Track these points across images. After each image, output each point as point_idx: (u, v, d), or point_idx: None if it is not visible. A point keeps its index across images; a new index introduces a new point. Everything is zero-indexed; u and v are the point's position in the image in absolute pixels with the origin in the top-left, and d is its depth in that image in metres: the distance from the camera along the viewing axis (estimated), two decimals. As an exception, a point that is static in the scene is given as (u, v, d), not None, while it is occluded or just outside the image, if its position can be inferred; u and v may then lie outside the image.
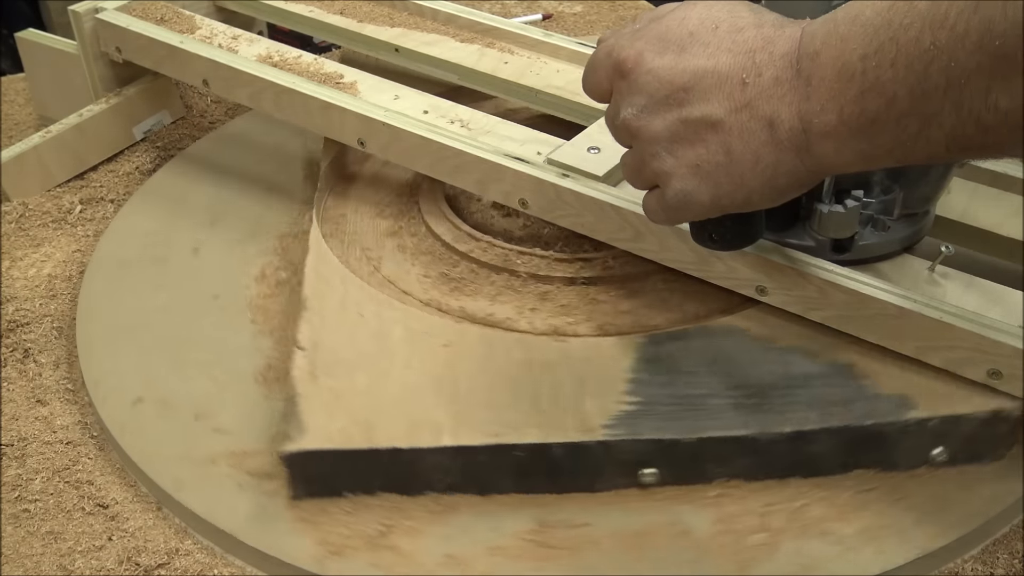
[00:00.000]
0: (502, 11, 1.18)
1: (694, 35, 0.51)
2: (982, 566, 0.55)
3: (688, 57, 0.51)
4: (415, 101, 0.77)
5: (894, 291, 0.58)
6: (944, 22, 0.43)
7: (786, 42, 0.49)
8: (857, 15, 0.46)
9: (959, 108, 0.44)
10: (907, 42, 0.44)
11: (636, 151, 0.54)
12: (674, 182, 0.53)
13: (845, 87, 0.46)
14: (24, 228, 0.83)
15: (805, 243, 0.63)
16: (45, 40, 0.94)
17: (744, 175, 0.51)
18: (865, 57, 0.45)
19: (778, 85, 0.48)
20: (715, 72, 0.50)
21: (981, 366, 0.56)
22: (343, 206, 0.79)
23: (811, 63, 0.47)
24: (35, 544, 0.57)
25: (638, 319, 0.66)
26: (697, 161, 0.51)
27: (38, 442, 0.64)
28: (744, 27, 0.50)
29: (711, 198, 0.52)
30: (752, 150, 0.50)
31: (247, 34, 0.87)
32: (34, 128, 0.96)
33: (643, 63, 0.52)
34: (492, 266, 0.71)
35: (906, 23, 0.44)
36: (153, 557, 0.56)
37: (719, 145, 0.50)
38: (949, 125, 0.45)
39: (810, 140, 0.48)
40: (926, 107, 0.45)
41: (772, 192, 0.51)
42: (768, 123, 0.49)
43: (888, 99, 0.45)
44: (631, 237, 0.65)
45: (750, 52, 0.49)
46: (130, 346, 0.69)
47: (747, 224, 0.56)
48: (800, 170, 0.50)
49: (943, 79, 0.44)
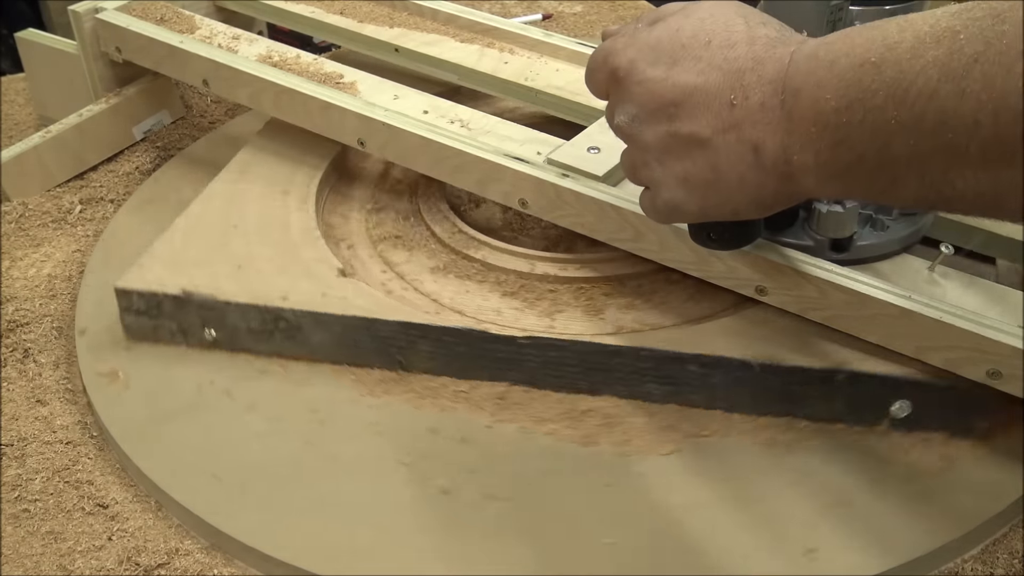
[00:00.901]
0: (502, 11, 1.18)
1: (686, 48, 0.51)
2: (982, 566, 0.55)
3: (679, 71, 0.51)
4: (415, 101, 0.77)
5: (894, 291, 0.58)
6: (904, 99, 0.43)
7: (774, 66, 0.49)
8: (835, 61, 0.46)
9: (921, 179, 0.44)
10: (872, 108, 0.44)
11: (631, 154, 0.56)
12: (663, 191, 0.54)
13: (820, 134, 0.47)
14: (24, 228, 0.83)
15: (804, 242, 0.63)
16: (45, 40, 0.94)
17: (730, 192, 0.51)
18: (838, 111, 0.45)
19: (764, 111, 0.49)
20: (704, 90, 0.50)
21: (981, 366, 0.56)
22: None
23: (793, 100, 0.47)
24: (35, 544, 0.57)
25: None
26: (685, 175, 0.52)
27: (38, 442, 0.64)
28: (736, 43, 0.50)
29: (699, 208, 0.53)
30: (738, 172, 0.50)
31: (247, 34, 0.87)
32: (34, 128, 0.96)
33: (634, 73, 0.53)
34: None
35: (873, 88, 0.44)
36: (153, 557, 0.56)
37: (706, 162, 0.51)
38: (914, 189, 0.45)
39: (792, 171, 0.49)
40: (892, 170, 0.45)
41: (759, 208, 0.52)
42: (753, 147, 0.49)
43: (857, 156, 0.46)
44: (631, 237, 0.65)
45: (739, 72, 0.49)
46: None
47: (745, 224, 0.57)
48: (784, 193, 0.51)
49: (905, 152, 0.44)
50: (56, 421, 0.65)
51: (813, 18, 0.62)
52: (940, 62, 0.42)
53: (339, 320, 0.64)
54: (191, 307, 0.66)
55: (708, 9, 0.52)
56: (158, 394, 0.65)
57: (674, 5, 0.54)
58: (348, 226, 0.77)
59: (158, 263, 0.69)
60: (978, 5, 0.42)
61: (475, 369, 0.64)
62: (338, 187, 0.81)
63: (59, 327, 0.73)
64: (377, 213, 0.78)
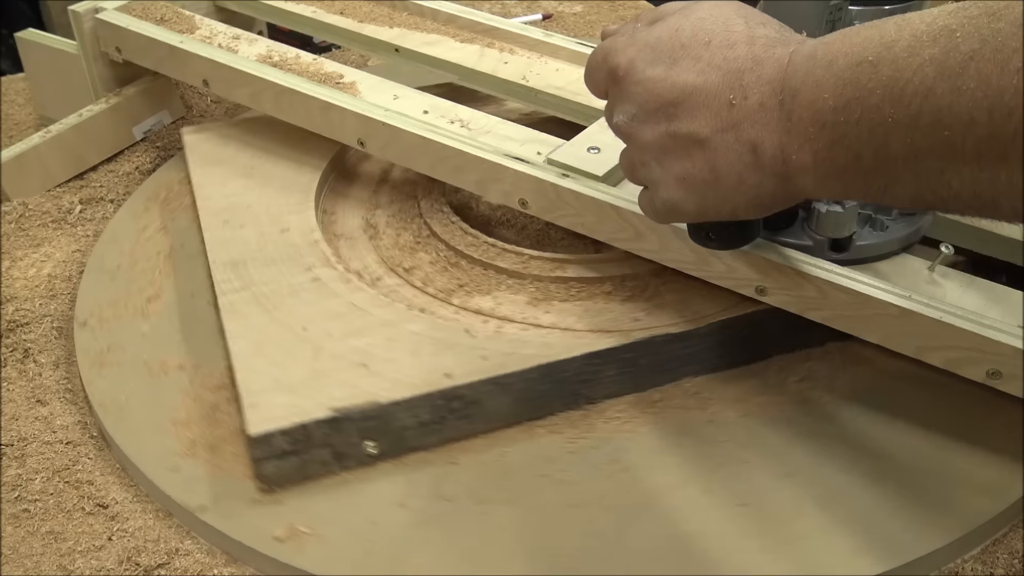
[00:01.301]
0: (502, 11, 1.18)
1: (686, 48, 0.51)
2: (982, 566, 0.55)
3: (678, 71, 0.51)
4: (415, 101, 0.77)
5: (894, 291, 0.58)
6: (901, 98, 0.43)
7: (773, 67, 0.49)
8: (833, 61, 0.46)
9: (918, 178, 0.44)
10: (869, 108, 0.44)
11: (629, 153, 0.56)
12: (661, 191, 0.54)
13: (819, 134, 0.47)
14: (24, 228, 0.83)
15: (803, 242, 0.63)
16: (45, 40, 0.94)
17: (728, 192, 0.51)
18: (835, 110, 0.46)
19: (763, 111, 0.49)
20: (703, 90, 0.50)
21: (981, 366, 0.56)
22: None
23: (792, 100, 0.48)
24: (35, 544, 0.57)
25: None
26: (683, 175, 0.52)
27: (38, 442, 0.64)
28: (736, 43, 0.50)
29: (697, 208, 0.53)
30: (736, 171, 0.50)
31: (247, 34, 0.87)
32: (34, 128, 0.96)
33: (634, 72, 0.53)
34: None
35: (870, 87, 0.44)
36: (153, 557, 0.56)
37: (704, 162, 0.51)
38: (911, 188, 0.45)
39: (790, 171, 0.49)
40: (889, 169, 0.45)
41: (757, 208, 0.52)
42: (752, 147, 0.49)
43: (855, 155, 0.46)
44: (631, 237, 0.65)
45: (738, 72, 0.49)
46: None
47: (744, 224, 0.57)
48: (782, 193, 0.51)
49: (901, 150, 0.44)
50: (56, 421, 0.65)
51: (812, 18, 0.62)
52: (936, 60, 0.42)
53: (518, 377, 0.59)
54: (349, 425, 0.57)
55: (708, 9, 0.52)
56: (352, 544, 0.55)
57: (674, 5, 0.54)
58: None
59: (271, 391, 0.59)
60: (974, 4, 0.42)
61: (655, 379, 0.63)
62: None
63: (59, 327, 0.73)
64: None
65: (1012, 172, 0.41)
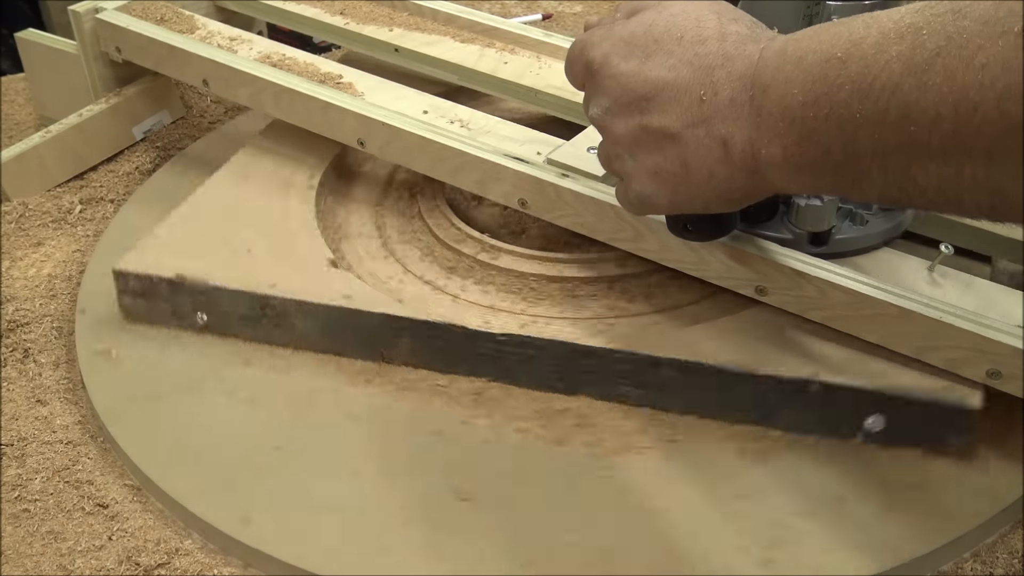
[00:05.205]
0: (502, 11, 1.18)
1: (659, 43, 0.52)
2: (982, 566, 0.55)
3: (651, 66, 0.52)
4: (415, 101, 0.77)
5: (894, 291, 0.58)
6: (868, 94, 0.44)
7: (743, 63, 0.49)
8: (802, 57, 0.47)
9: (885, 173, 0.45)
10: (838, 103, 0.45)
11: (604, 145, 0.57)
12: (634, 183, 0.55)
13: (788, 129, 0.47)
14: (24, 228, 0.83)
15: (783, 235, 0.63)
16: (45, 40, 0.94)
17: (699, 186, 0.52)
18: (804, 105, 0.46)
19: (733, 107, 0.49)
20: (674, 85, 0.51)
21: (981, 366, 0.56)
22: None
23: (762, 95, 0.48)
24: (35, 544, 0.57)
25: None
26: (655, 168, 0.53)
27: (38, 442, 0.64)
28: (707, 39, 0.51)
29: (668, 201, 0.54)
30: (707, 166, 0.51)
31: (247, 34, 0.87)
32: (34, 128, 0.96)
33: (608, 66, 0.54)
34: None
35: (839, 83, 0.45)
36: (153, 557, 0.56)
37: (676, 156, 0.52)
38: (879, 184, 0.46)
39: (759, 166, 0.49)
40: (857, 164, 0.46)
41: (728, 202, 0.53)
42: (722, 142, 0.50)
43: (824, 150, 0.46)
44: (631, 237, 0.65)
45: (709, 68, 0.50)
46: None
47: (720, 216, 0.58)
48: (752, 187, 0.51)
49: (869, 145, 0.45)
50: (56, 421, 0.65)
51: (790, 14, 0.63)
52: (903, 57, 0.42)
53: (324, 310, 0.65)
54: (184, 291, 0.67)
55: (682, 5, 0.53)
56: (147, 373, 0.66)
57: None
58: (348, 224, 0.77)
59: (156, 247, 0.70)
60: (940, 3, 0.43)
61: (455, 364, 0.64)
62: (338, 187, 0.81)
63: (59, 327, 0.73)
64: (377, 212, 0.78)
65: (976, 168, 0.41)
